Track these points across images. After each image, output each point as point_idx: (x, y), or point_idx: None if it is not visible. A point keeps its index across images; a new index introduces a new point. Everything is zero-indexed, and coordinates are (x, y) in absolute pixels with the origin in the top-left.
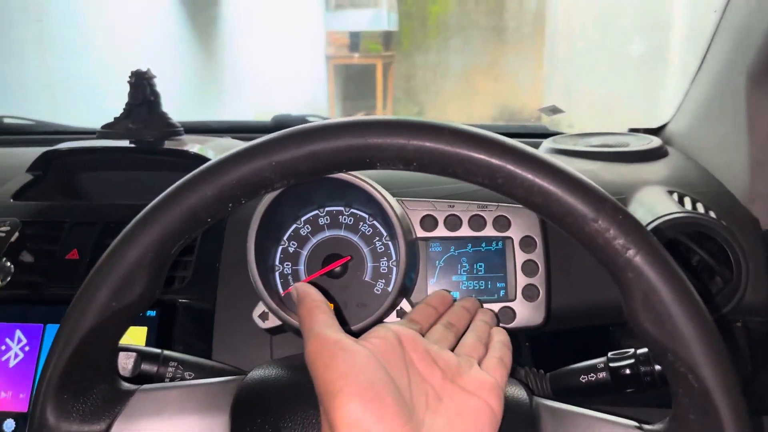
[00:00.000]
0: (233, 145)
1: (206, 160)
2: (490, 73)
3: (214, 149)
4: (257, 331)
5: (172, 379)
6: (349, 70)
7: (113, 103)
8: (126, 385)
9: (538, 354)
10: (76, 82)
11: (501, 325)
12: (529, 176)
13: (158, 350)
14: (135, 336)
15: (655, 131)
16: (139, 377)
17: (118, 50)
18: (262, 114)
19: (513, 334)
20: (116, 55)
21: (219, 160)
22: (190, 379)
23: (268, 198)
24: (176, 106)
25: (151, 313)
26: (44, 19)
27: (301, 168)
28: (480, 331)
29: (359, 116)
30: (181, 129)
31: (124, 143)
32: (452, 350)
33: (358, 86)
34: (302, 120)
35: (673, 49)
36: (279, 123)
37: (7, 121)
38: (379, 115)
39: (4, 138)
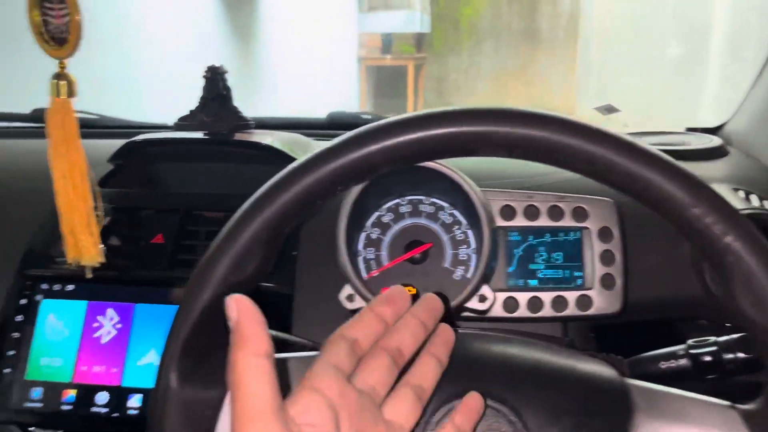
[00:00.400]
0: (301, 139)
1: (277, 151)
2: (522, 76)
3: (283, 141)
4: (334, 315)
5: None
6: (381, 71)
7: (157, 99)
8: None
9: (603, 346)
10: (120, 80)
11: (578, 313)
12: (629, 164)
13: None
14: None
15: (713, 131)
16: None
17: (161, 50)
18: (295, 114)
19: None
20: (160, 55)
21: (332, 146)
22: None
23: (357, 187)
24: None
25: None
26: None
27: (408, 153)
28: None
29: (461, 106)
30: (252, 122)
31: (199, 135)
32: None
33: (390, 87)
34: (356, 117)
35: (712, 52)
36: (334, 120)
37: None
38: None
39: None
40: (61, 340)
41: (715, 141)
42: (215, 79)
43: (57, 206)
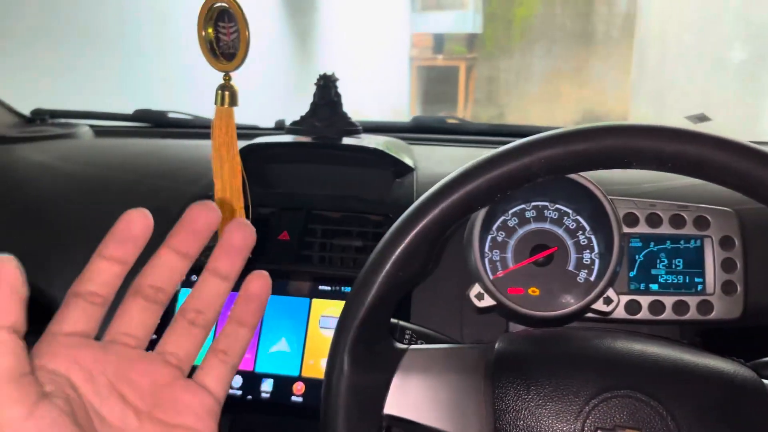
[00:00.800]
0: (400, 143)
1: (383, 154)
2: (575, 78)
3: (390, 146)
4: (447, 312)
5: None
6: (432, 71)
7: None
8: (398, 344)
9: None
10: (174, 80)
11: (698, 317)
12: None
13: (395, 320)
14: None
15: None
16: None
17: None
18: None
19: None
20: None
21: (493, 156)
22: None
23: None
24: (275, 104)
25: None
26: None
27: (565, 164)
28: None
29: (616, 122)
30: (360, 128)
31: (311, 139)
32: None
33: (440, 88)
34: (441, 121)
35: None
36: (419, 123)
37: (171, 116)
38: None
39: (170, 131)
40: None
41: None
42: (327, 86)
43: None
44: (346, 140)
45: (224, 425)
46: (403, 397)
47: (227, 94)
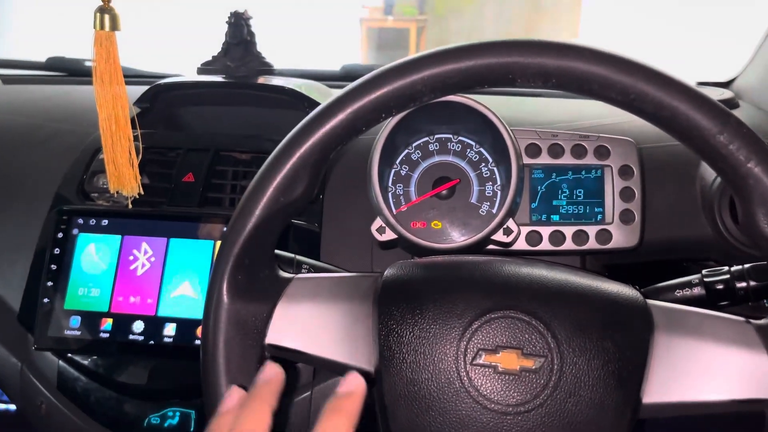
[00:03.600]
0: (321, 87)
1: (301, 95)
2: None
3: (308, 87)
4: (357, 248)
5: None
6: (383, 33)
7: None
8: (284, 273)
9: None
10: None
11: (598, 246)
12: (660, 93)
13: (291, 255)
14: None
15: (724, 84)
16: None
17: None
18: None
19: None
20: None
21: (376, 74)
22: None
23: (389, 123)
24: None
25: None
26: None
27: (450, 82)
28: None
29: (501, 39)
30: (274, 68)
31: (222, 79)
32: None
33: (391, 50)
34: (371, 69)
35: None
36: (348, 72)
37: (88, 64)
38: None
39: (86, 79)
40: (98, 273)
41: (726, 94)
42: (239, 24)
43: (101, 136)
44: (261, 80)
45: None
46: (288, 326)
47: (107, 17)
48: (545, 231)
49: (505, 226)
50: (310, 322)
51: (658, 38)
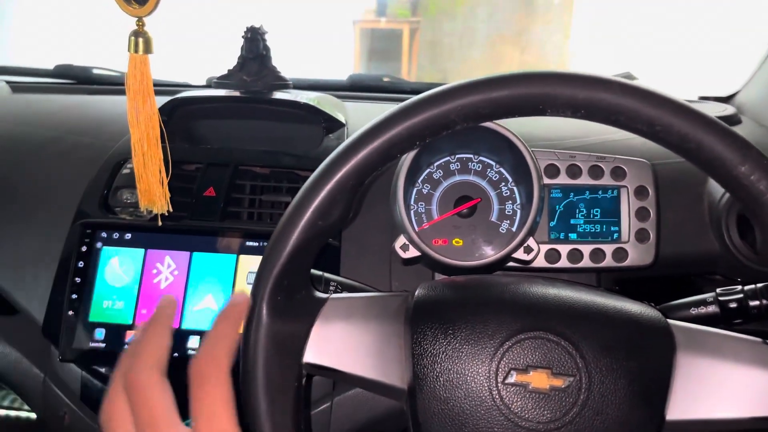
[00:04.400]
0: (333, 99)
1: (315, 110)
2: (517, 43)
3: (322, 101)
4: (376, 263)
5: None
6: (376, 34)
7: None
8: (319, 293)
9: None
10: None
11: (614, 264)
12: (685, 125)
13: (320, 272)
14: None
15: (726, 99)
16: None
17: None
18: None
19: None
20: None
21: (411, 103)
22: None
23: None
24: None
25: None
26: None
27: (483, 112)
28: None
29: (531, 70)
30: (290, 82)
31: (239, 93)
32: None
33: (384, 51)
34: (377, 80)
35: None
36: (356, 82)
37: (96, 72)
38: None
39: (95, 88)
40: (122, 286)
41: (728, 110)
42: (256, 38)
43: (133, 156)
44: (276, 95)
45: None
46: (324, 346)
47: (141, 41)
48: (563, 249)
49: (525, 245)
50: (344, 342)
51: (653, 41)
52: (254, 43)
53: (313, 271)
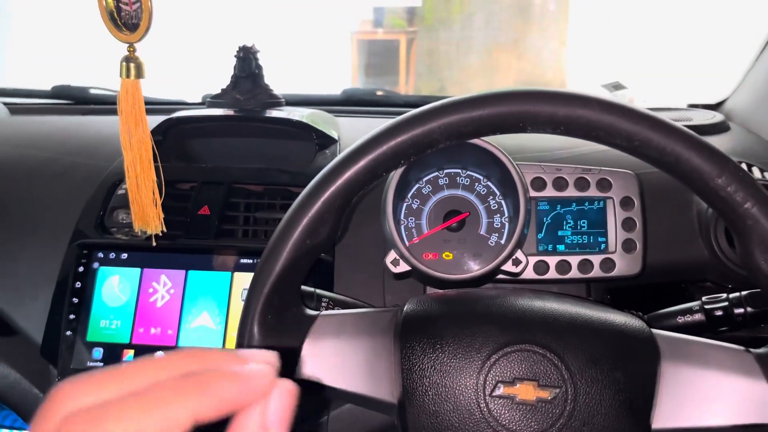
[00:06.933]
0: (325, 115)
1: (308, 127)
2: (514, 50)
3: (312, 118)
4: (369, 277)
5: None
6: (372, 45)
7: None
8: (309, 311)
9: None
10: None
11: (602, 274)
12: (663, 140)
13: (312, 289)
14: None
15: (714, 107)
16: None
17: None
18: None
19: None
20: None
21: (395, 123)
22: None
23: None
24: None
25: None
26: None
27: (465, 130)
28: None
29: (512, 87)
30: (283, 100)
31: (232, 112)
32: None
33: (381, 62)
34: (371, 94)
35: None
36: (349, 96)
37: (93, 92)
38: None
39: (93, 108)
40: (119, 305)
41: (717, 117)
42: (248, 58)
43: (126, 178)
44: (269, 113)
45: None
46: (315, 362)
47: (132, 66)
48: (552, 260)
49: (514, 257)
50: (335, 358)
51: (648, 46)
52: (246, 62)
53: (304, 287)
